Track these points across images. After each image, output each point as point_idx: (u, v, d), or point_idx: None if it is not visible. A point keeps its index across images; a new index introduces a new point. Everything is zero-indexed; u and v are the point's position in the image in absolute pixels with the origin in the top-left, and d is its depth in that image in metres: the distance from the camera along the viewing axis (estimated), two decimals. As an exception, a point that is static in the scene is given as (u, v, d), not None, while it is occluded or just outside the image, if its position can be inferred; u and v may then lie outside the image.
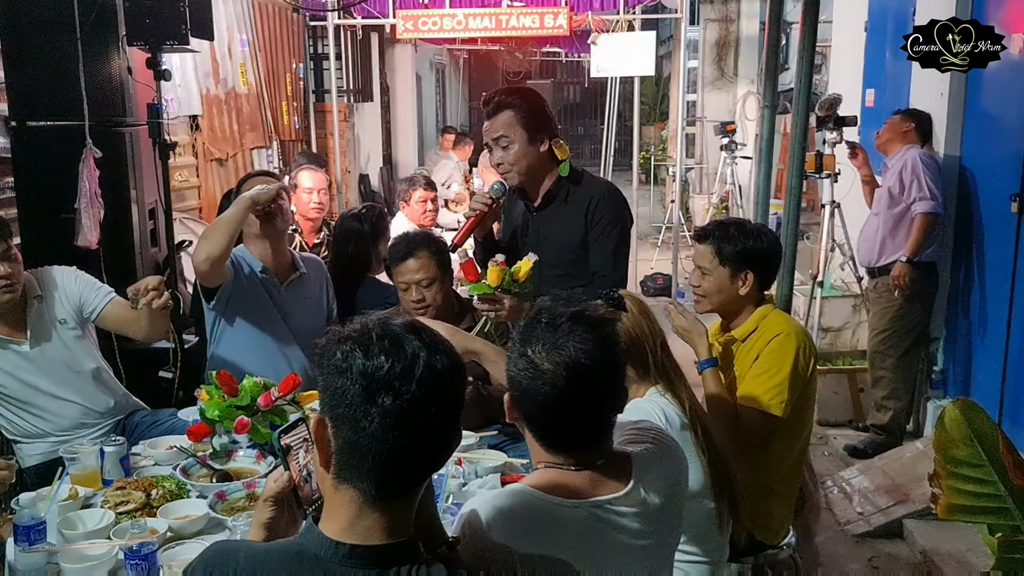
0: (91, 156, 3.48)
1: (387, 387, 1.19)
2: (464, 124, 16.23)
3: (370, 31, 9.98)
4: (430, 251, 2.94)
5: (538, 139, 2.80)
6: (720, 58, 10.86)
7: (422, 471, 1.29)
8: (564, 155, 2.85)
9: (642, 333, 2.06)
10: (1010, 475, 1.36)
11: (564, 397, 1.49)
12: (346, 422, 1.22)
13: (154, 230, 3.99)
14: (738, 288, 2.52)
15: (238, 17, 6.97)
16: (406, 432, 1.20)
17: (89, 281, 3.01)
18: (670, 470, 1.70)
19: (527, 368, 1.51)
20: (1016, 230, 4.05)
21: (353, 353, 1.22)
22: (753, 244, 2.51)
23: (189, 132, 6.15)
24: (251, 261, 3.13)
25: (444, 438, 1.27)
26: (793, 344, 2.44)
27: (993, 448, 1.38)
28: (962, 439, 1.39)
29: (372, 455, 1.21)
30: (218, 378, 2.55)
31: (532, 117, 2.80)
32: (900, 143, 4.59)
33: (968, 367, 4.57)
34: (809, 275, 5.29)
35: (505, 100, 2.81)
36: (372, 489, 1.23)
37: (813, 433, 4.82)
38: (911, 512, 3.84)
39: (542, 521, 1.50)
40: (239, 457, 2.53)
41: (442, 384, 1.23)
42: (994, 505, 1.40)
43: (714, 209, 9.12)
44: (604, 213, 2.82)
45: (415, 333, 1.25)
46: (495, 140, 2.82)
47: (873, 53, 5.91)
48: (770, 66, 3.35)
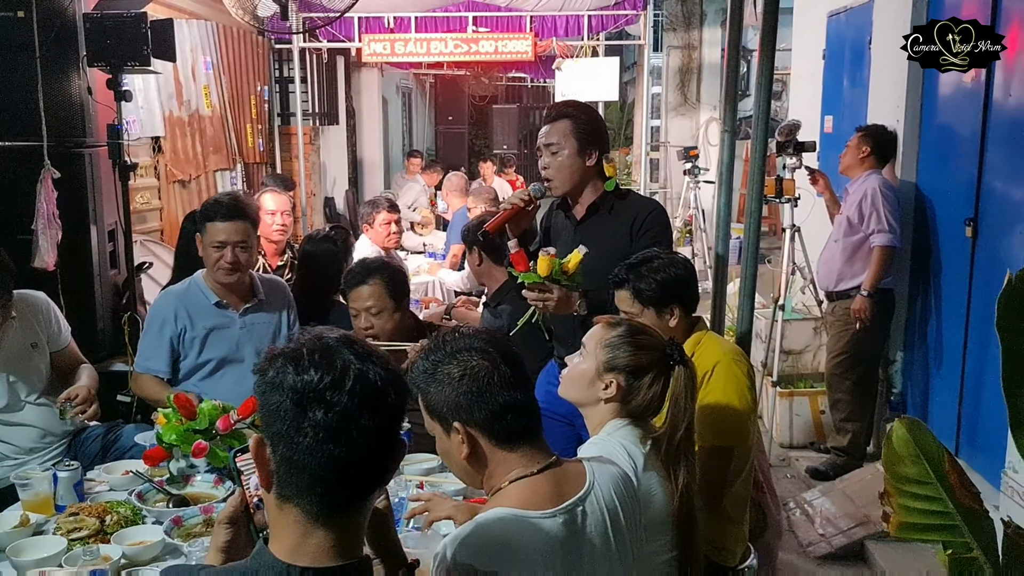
0: (49, 177, 3.45)
1: (318, 399, 1.19)
2: (431, 148, 16.25)
3: (336, 54, 9.99)
4: (383, 279, 2.95)
5: (587, 152, 2.85)
6: (683, 84, 11.01)
7: (364, 485, 1.26)
8: (612, 172, 2.91)
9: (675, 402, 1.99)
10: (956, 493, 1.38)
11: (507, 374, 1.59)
12: (281, 439, 1.21)
13: (114, 252, 3.95)
14: (668, 323, 2.46)
15: (202, 39, 6.95)
16: (340, 444, 1.19)
17: (58, 315, 2.99)
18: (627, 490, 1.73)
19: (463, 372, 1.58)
20: (971, 254, 4.13)
21: (285, 369, 1.21)
22: (666, 276, 2.45)
23: (151, 154, 6.10)
24: (207, 292, 3.08)
25: (383, 450, 1.25)
26: (735, 369, 2.39)
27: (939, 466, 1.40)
28: (910, 457, 1.41)
29: (308, 471, 1.20)
30: (176, 401, 2.52)
31: (587, 131, 2.86)
32: (860, 168, 4.66)
33: (926, 389, 4.64)
34: (771, 298, 5.35)
35: (565, 110, 2.90)
36: (314, 506, 1.22)
37: (775, 455, 4.89)
38: (872, 534, 3.87)
39: (523, 539, 1.51)
40: (197, 482, 2.49)
41: (375, 394, 1.21)
42: (943, 523, 1.42)
43: (678, 233, 9.20)
44: (653, 225, 2.86)
45: (348, 345, 1.24)
46: (546, 146, 2.87)
47: (831, 80, 6.03)
48: (730, 92, 3.39)
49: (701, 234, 8.78)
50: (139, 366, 3.09)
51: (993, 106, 4.00)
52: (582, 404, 2.08)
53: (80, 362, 3.06)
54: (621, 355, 2.02)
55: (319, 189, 9.88)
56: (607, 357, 2.02)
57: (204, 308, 3.07)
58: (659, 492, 1.95)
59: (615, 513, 1.65)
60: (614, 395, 2.02)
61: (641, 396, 2.01)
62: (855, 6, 5.54)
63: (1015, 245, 3.64)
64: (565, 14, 8.77)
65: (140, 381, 3.09)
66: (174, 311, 3.04)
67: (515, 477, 1.59)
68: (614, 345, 2.04)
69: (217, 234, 2.97)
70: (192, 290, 3.09)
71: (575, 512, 1.59)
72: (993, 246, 3.98)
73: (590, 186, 2.89)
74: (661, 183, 11.32)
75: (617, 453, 1.93)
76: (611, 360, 2.02)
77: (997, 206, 3.96)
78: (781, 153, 5.09)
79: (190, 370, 3.06)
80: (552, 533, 1.54)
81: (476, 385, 1.57)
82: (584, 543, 1.59)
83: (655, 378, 2.00)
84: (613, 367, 2.02)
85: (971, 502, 1.44)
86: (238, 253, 3.00)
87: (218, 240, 2.97)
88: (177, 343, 3.05)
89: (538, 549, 1.51)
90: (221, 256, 2.98)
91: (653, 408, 2.03)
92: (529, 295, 2.69)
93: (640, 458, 1.95)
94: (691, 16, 10.94)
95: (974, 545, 1.41)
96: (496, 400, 1.58)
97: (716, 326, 3.39)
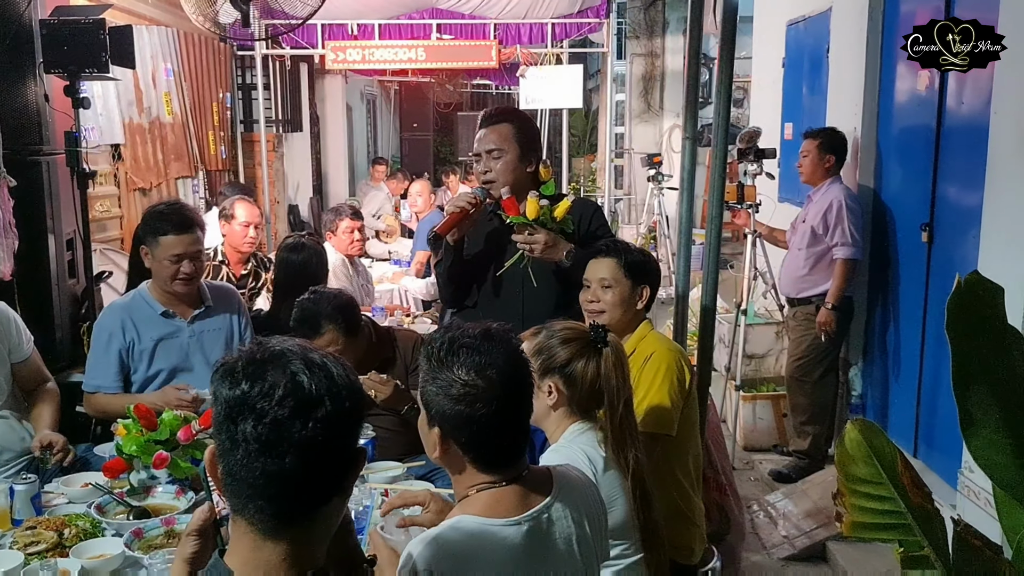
0: (5, 185, 3.39)
1: (248, 410, 1.15)
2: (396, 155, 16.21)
3: (299, 61, 9.93)
4: (335, 325, 2.91)
5: (528, 157, 2.89)
6: (647, 92, 11.10)
7: (312, 497, 1.20)
8: (547, 176, 2.95)
9: (607, 381, 2.05)
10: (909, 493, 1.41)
11: (503, 409, 1.54)
12: (222, 452, 1.18)
13: (72, 261, 3.90)
14: (636, 302, 2.55)
15: (163, 46, 6.88)
16: (272, 456, 1.14)
17: (21, 325, 2.93)
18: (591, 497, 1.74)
19: (461, 393, 1.53)
20: (927, 258, 4.21)
21: (222, 381, 1.18)
22: (648, 261, 2.60)
23: (111, 161, 6.02)
24: (152, 303, 3.04)
25: (328, 461, 1.19)
26: (666, 361, 2.45)
27: (892, 467, 1.43)
28: (862, 458, 1.44)
29: (247, 484, 1.16)
30: (136, 412, 2.49)
31: (527, 135, 2.90)
32: (823, 177, 4.73)
33: (885, 392, 4.72)
34: (733, 303, 5.41)
35: (506, 114, 2.93)
36: (260, 520, 1.18)
37: (738, 458, 4.94)
38: (834, 534, 3.92)
39: (487, 546, 1.51)
40: (158, 493, 2.47)
41: (308, 403, 1.16)
42: (895, 522, 1.45)
43: (642, 239, 9.26)
44: (600, 223, 2.99)
45: (297, 354, 1.20)
46: (488, 151, 2.88)
47: (790, 88, 6.12)
48: (690, 99, 3.43)
49: (665, 240, 8.84)
50: (88, 386, 3.04)
51: (947, 112, 4.09)
52: (536, 420, 2.10)
53: (43, 379, 3.00)
54: (552, 354, 2.07)
55: (283, 197, 9.81)
56: (540, 362, 2.06)
57: (151, 319, 3.03)
58: (620, 496, 1.98)
59: (580, 519, 1.66)
60: (558, 399, 2.07)
61: (580, 384, 2.05)
62: (813, 15, 5.64)
63: (969, 249, 3.71)
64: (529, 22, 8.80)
65: (93, 401, 3.04)
66: (121, 324, 3.00)
67: (483, 486, 1.59)
68: (542, 349, 2.09)
69: (172, 247, 2.94)
70: (137, 302, 3.05)
71: (540, 519, 1.59)
72: (948, 251, 4.06)
73: (527, 191, 2.89)
74: (625, 189, 11.40)
75: (579, 459, 1.96)
76: (545, 363, 2.07)
77: (951, 211, 4.04)
78: (742, 160, 5.16)
79: (141, 383, 3.02)
80: (515, 541, 1.54)
81: (468, 411, 1.53)
82: (549, 550, 1.60)
83: (587, 362, 2.06)
84: (549, 369, 2.07)
85: (923, 501, 1.47)
86: (195, 264, 2.98)
87: (174, 254, 2.94)
88: (127, 356, 3.01)
89: (499, 559, 1.52)
90: (178, 269, 2.95)
91: (597, 396, 2.07)
92: (518, 238, 2.77)
93: (600, 461, 1.99)
94: (654, 24, 11.04)
95: (925, 543, 1.44)
96: (484, 432, 1.55)
97: (679, 331, 3.42)
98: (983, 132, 3.51)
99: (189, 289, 3.03)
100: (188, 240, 2.95)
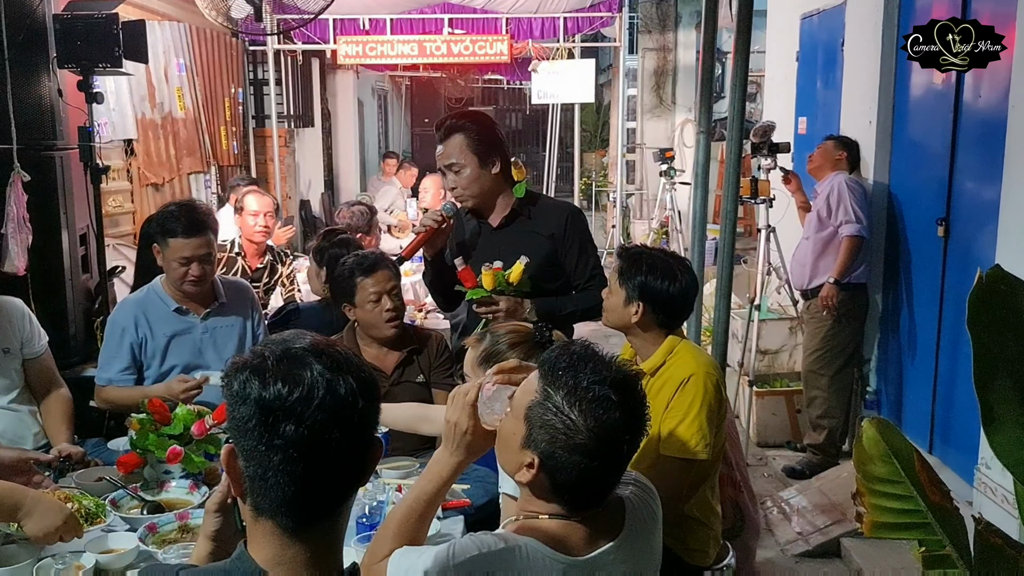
0: (19, 180, 3.39)
1: (287, 415, 1.13)
2: (407, 150, 16.21)
3: (311, 56, 9.94)
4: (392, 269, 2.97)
5: (490, 162, 2.83)
6: (658, 86, 11.06)
7: (338, 496, 1.22)
8: (521, 176, 2.91)
9: None
10: (927, 491, 1.39)
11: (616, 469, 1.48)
12: (252, 454, 1.16)
13: (85, 256, 3.90)
14: (630, 315, 2.44)
15: (175, 41, 6.89)
16: (310, 461, 1.14)
17: (35, 321, 2.93)
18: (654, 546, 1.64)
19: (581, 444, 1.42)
20: (943, 253, 4.18)
21: (250, 381, 1.16)
22: (654, 282, 2.40)
23: (123, 156, 6.04)
24: (166, 299, 3.03)
25: (356, 461, 1.20)
26: (707, 384, 2.36)
27: (910, 465, 1.40)
28: (880, 457, 1.42)
29: (280, 488, 1.15)
30: (150, 406, 2.49)
31: (482, 141, 2.82)
32: (831, 170, 4.73)
33: (900, 387, 4.69)
34: (747, 299, 5.38)
35: (455, 124, 2.84)
36: (289, 522, 1.18)
37: (752, 454, 4.92)
38: (848, 531, 3.90)
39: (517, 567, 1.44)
40: (171, 488, 2.46)
41: (346, 407, 1.16)
42: (915, 521, 1.43)
43: (654, 234, 9.24)
44: (578, 227, 2.93)
45: (316, 355, 1.18)
46: (448, 166, 2.84)
47: (804, 82, 6.07)
48: (704, 94, 3.42)
49: (677, 235, 8.82)
50: (100, 379, 3.03)
51: (964, 107, 4.05)
52: None
53: (54, 383, 2.95)
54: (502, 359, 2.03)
55: (294, 192, 9.83)
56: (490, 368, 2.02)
57: (164, 315, 3.02)
58: None
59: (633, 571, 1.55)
60: None
61: None
62: (828, 8, 5.59)
63: (986, 244, 3.68)
64: (541, 16, 8.79)
65: (104, 393, 3.03)
66: (134, 319, 3.00)
67: (555, 515, 1.50)
68: (491, 354, 2.11)
69: (180, 250, 2.93)
70: (151, 297, 3.05)
71: (595, 562, 1.49)
72: (965, 245, 4.03)
73: (503, 196, 2.89)
74: (637, 184, 11.37)
75: None
76: None
77: (968, 206, 4.01)
78: (756, 154, 5.13)
79: (155, 379, 3.01)
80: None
81: (584, 463, 1.42)
82: None
83: None
84: None
85: (942, 500, 1.45)
86: (204, 266, 2.98)
87: (182, 256, 2.93)
88: (139, 351, 3.01)
89: None
90: (187, 271, 2.95)
91: None
92: (479, 309, 2.76)
93: None
94: (666, 18, 11.00)
95: (946, 542, 1.43)
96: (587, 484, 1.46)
97: (693, 327, 3.41)
98: (1000, 126, 3.48)
99: (198, 290, 3.03)
100: (196, 243, 2.94)
